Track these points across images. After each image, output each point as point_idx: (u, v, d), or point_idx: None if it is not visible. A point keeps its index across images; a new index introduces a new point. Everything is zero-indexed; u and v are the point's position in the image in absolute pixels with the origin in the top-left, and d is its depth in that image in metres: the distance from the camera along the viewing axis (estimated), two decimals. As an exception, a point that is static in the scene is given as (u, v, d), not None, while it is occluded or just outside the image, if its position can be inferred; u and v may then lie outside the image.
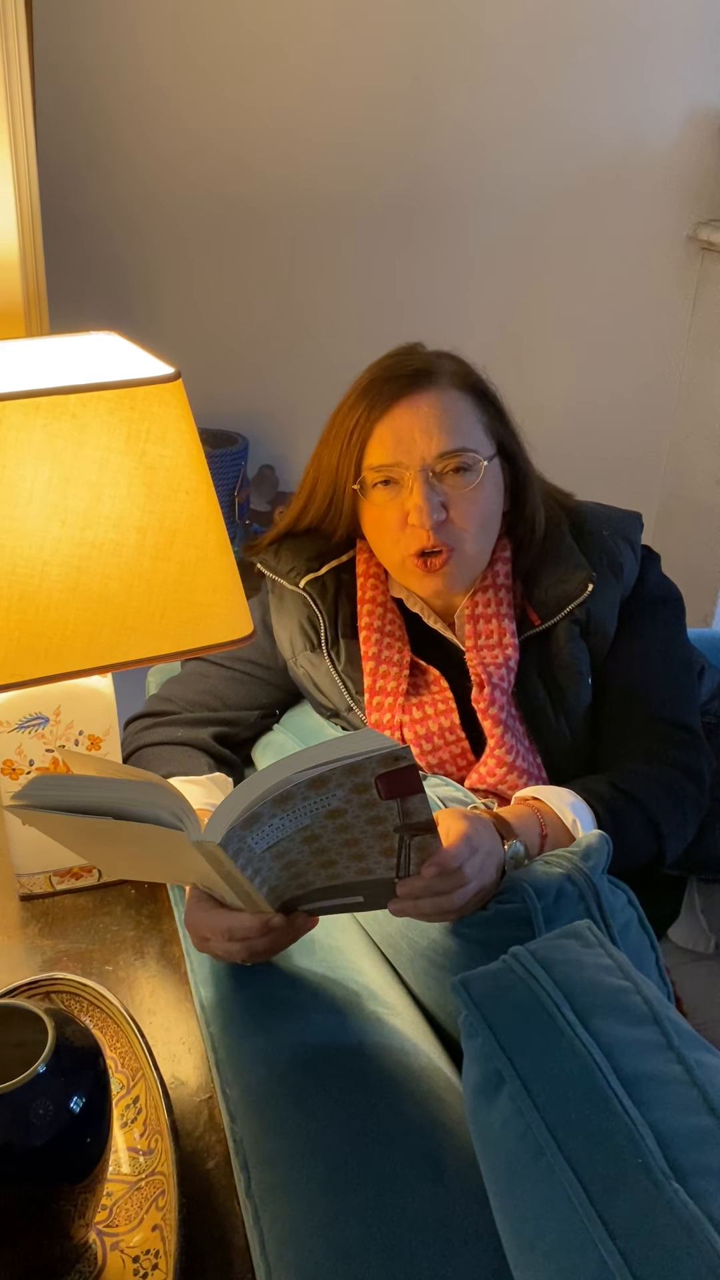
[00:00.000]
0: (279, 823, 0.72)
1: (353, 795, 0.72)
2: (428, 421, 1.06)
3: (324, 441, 1.12)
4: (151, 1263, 0.77)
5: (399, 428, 1.06)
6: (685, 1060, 0.62)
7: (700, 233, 2.35)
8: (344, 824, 0.74)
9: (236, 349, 2.18)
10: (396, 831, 0.76)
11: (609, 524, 1.19)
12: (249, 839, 0.71)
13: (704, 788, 1.13)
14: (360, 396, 1.09)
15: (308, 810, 0.72)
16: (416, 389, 1.07)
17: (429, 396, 1.07)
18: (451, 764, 1.15)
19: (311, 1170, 0.72)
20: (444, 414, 1.06)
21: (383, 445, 1.07)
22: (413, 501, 1.06)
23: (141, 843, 0.77)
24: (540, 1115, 0.61)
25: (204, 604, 0.94)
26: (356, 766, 0.69)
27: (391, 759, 0.70)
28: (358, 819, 0.74)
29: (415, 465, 1.05)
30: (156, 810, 0.72)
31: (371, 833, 0.75)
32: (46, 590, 0.88)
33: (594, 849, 0.89)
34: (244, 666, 1.23)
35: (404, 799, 0.73)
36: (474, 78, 2.10)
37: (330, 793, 0.71)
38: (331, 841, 0.76)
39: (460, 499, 1.07)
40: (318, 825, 0.74)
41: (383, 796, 0.72)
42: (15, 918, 1.13)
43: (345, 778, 0.70)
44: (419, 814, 0.75)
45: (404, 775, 0.71)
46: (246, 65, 1.97)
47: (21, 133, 1.17)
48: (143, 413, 0.89)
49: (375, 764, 0.70)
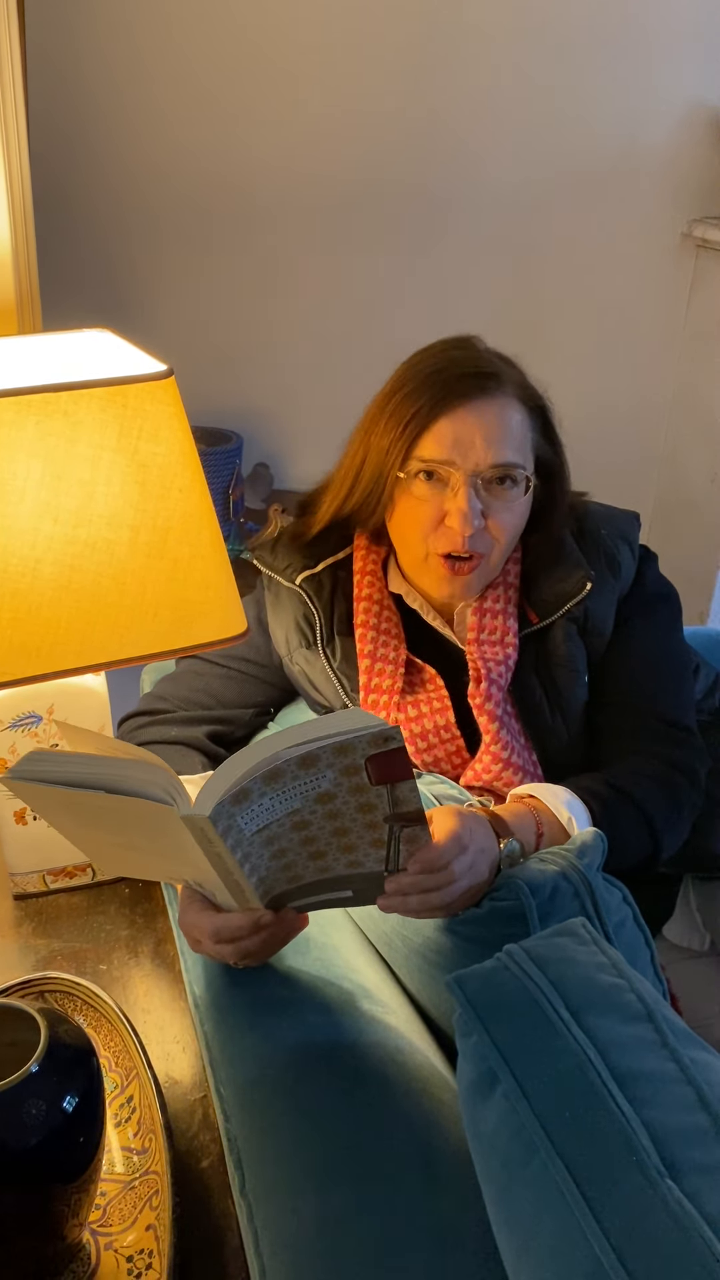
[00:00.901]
0: (269, 803, 0.72)
1: (343, 778, 0.72)
2: (490, 430, 1.05)
3: (374, 421, 1.10)
4: (145, 1262, 0.77)
5: (460, 429, 1.05)
6: (679, 1058, 0.62)
7: (695, 230, 2.35)
8: (334, 810, 0.74)
9: (231, 347, 2.18)
10: (386, 821, 0.76)
11: (607, 523, 1.19)
12: (239, 818, 0.71)
13: (699, 785, 1.13)
14: (424, 384, 1.06)
15: (298, 792, 0.72)
16: (485, 394, 1.06)
17: (495, 404, 1.06)
18: (447, 762, 1.15)
19: (306, 1169, 0.72)
20: (505, 426, 1.06)
21: (440, 441, 1.05)
22: (456, 504, 1.05)
23: (134, 825, 0.77)
24: (534, 1113, 0.60)
25: (197, 602, 0.94)
26: (346, 746, 0.70)
27: (381, 739, 0.70)
28: (347, 805, 0.74)
29: (468, 469, 1.05)
30: (147, 786, 0.71)
31: (361, 821, 0.75)
32: (39, 588, 0.88)
33: (589, 847, 0.89)
34: (239, 664, 1.23)
35: (394, 785, 0.73)
36: (469, 75, 2.10)
37: (320, 773, 0.71)
38: (321, 829, 0.76)
39: (500, 509, 1.07)
40: (308, 810, 0.74)
41: (373, 781, 0.72)
42: (9, 917, 1.13)
43: (335, 758, 0.70)
44: (409, 803, 0.75)
45: (394, 758, 0.71)
46: (243, 61, 1.96)
47: (14, 129, 1.17)
48: (135, 410, 0.88)
49: (365, 744, 0.70)
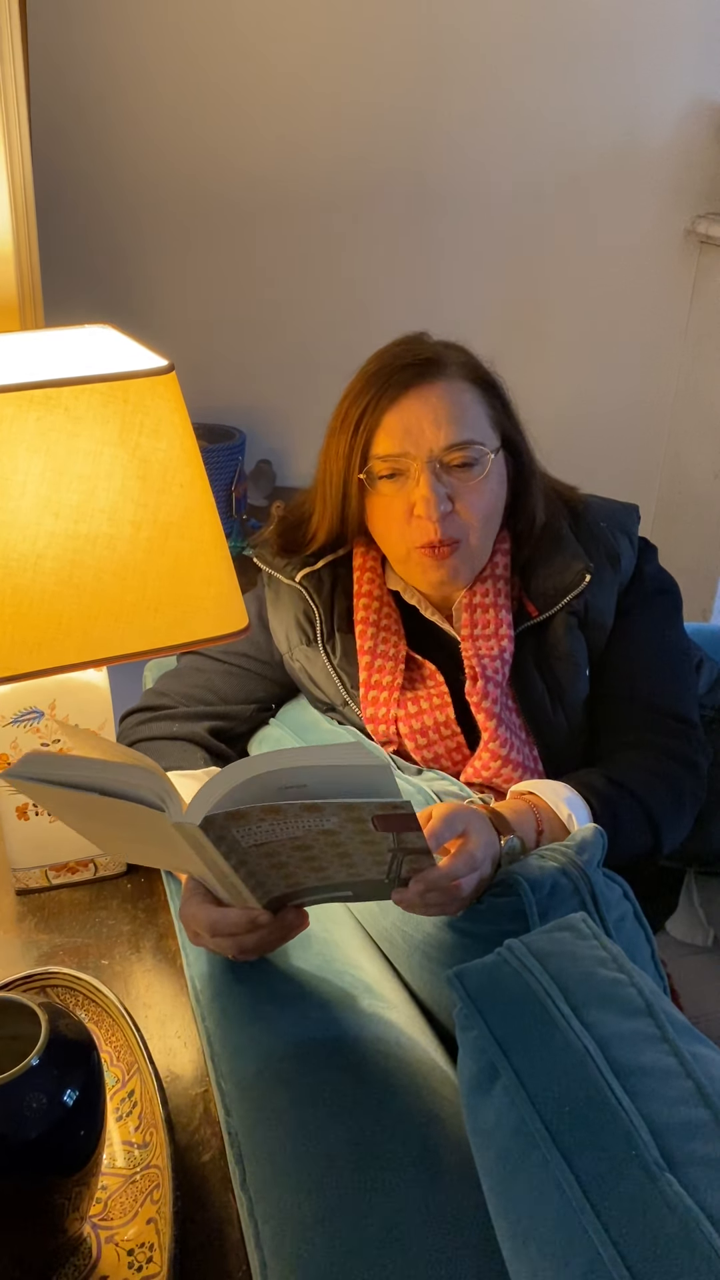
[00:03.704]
0: (269, 827, 0.71)
1: (347, 824, 0.71)
2: (437, 413, 1.05)
3: (332, 431, 1.11)
4: (146, 1255, 0.77)
5: (407, 418, 1.05)
6: (680, 1052, 0.62)
7: (699, 226, 2.34)
8: (337, 841, 0.73)
9: (234, 344, 2.18)
10: (390, 852, 0.75)
11: (606, 516, 1.18)
12: (233, 830, 0.71)
13: (701, 779, 1.12)
14: (368, 384, 1.07)
15: (300, 825, 0.71)
16: (425, 379, 1.06)
17: (438, 387, 1.06)
18: (447, 758, 1.15)
19: (306, 1163, 0.72)
20: (453, 405, 1.05)
21: (390, 435, 1.06)
22: (419, 493, 1.05)
23: (130, 823, 0.77)
24: (534, 1107, 0.61)
25: (199, 597, 0.94)
26: (354, 807, 0.69)
27: (390, 806, 0.69)
28: (351, 840, 0.73)
29: (423, 456, 1.05)
30: (139, 790, 0.71)
31: (365, 850, 0.75)
32: (40, 584, 0.88)
33: (589, 843, 0.89)
34: (240, 661, 1.23)
35: (400, 834, 0.72)
36: (471, 71, 2.10)
37: (325, 819, 0.70)
38: (323, 852, 0.75)
39: (466, 491, 1.06)
40: (309, 839, 0.73)
41: (379, 828, 0.71)
42: (11, 912, 1.13)
43: (341, 812, 0.70)
44: (414, 842, 0.74)
45: (402, 819, 0.70)
46: (246, 58, 1.96)
47: (16, 125, 1.16)
48: (136, 405, 0.88)
49: (374, 808, 0.69)
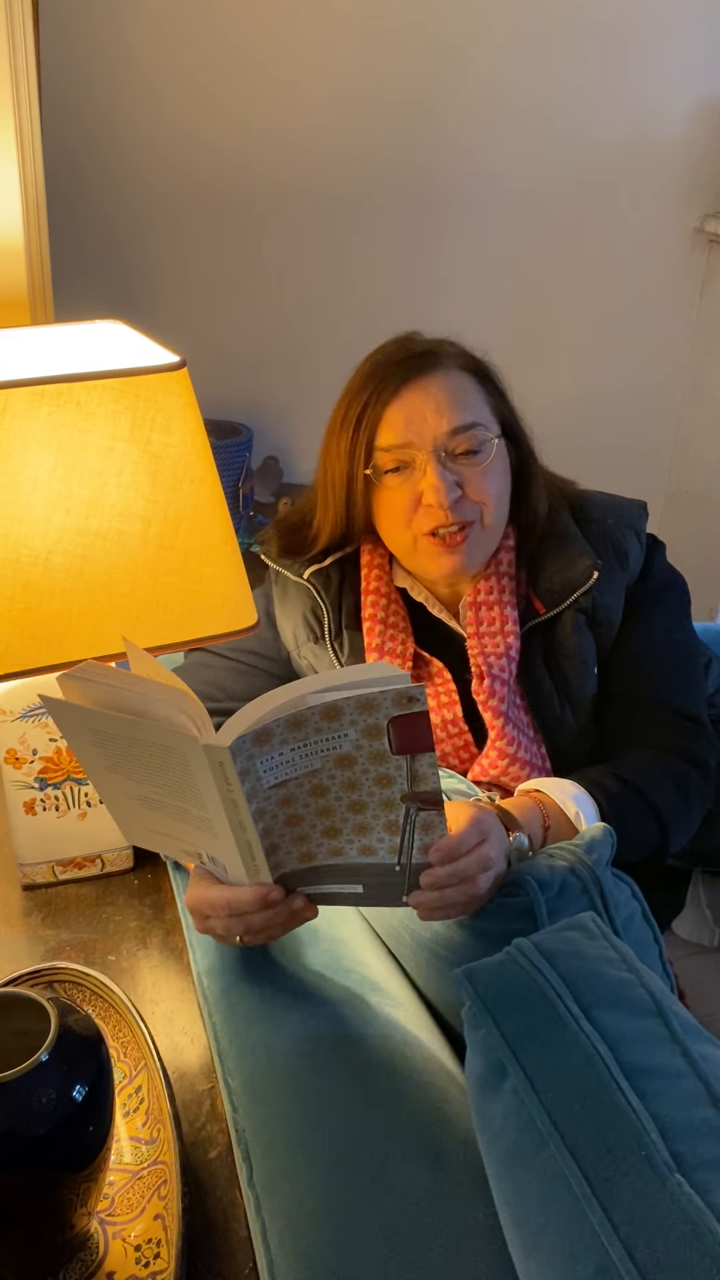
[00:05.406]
0: (289, 754, 0.73)
1: (364, 740, 0.73)
2: (437, 400, 1.06)
3: (332, 431, 1.12)
4: (154, 1252, 0.77)
5: (409, 409, 1.06)
6: (689, 1053, 0.62)
7: (707, 225, 2.34)
8: (352, 779, 0.75)
9: (241, 341, 2.18)
10: (403, 800, 0.76)
11: (613, 512, 1.18)
12: (257, 760, 0.72)
13: (709, 777, 1.12)
14: (366, 382, 1.09)
15: (318, 749, 0.73)
16: (423, 371, 1.07)
17: (436, 378, 1.07)
18: (454, 756, 1.15)
19: (313, 1161, 0.72)
20: (452, 392, 1.07)
21: (393, 427, 1.07)
22: (428, 482, 1.06)
23: (158, 764, 0.77)
24: (543, 1107, 0.60)
25: (208, 594, 0.94)
26: (371, 702, 0.71)
27: (405, 698, 0.71)
28: (366, 775, 0.75)
29: (428, 445, 1.06)
30: (175, 713, 0.73)
31: (379, 797, 0.76)
32: (50, 579, 0.88)
33: (597, 842, 0.88)
34: (247, 658, 1.23)
35: (414, 756, 0.74)
36: (478, 70, 2.09)
37: (343, 731, 0.72)
38: (338, 801, 0.76)
39: (473, 476, 1.07)
40: (326, 774, 0.75)
41: (394, 749, 0.73)
42: (18, 907, 1.13)
43: (359, 714, 0.71)
44: (427, 780, 0.75)
45: (417, 722, 0.72)
46: (252, 57, 1.96)
47: (27, 122, 1.17)
48: (147, 401, 0.88)
49: (389, 702, 0.71)
